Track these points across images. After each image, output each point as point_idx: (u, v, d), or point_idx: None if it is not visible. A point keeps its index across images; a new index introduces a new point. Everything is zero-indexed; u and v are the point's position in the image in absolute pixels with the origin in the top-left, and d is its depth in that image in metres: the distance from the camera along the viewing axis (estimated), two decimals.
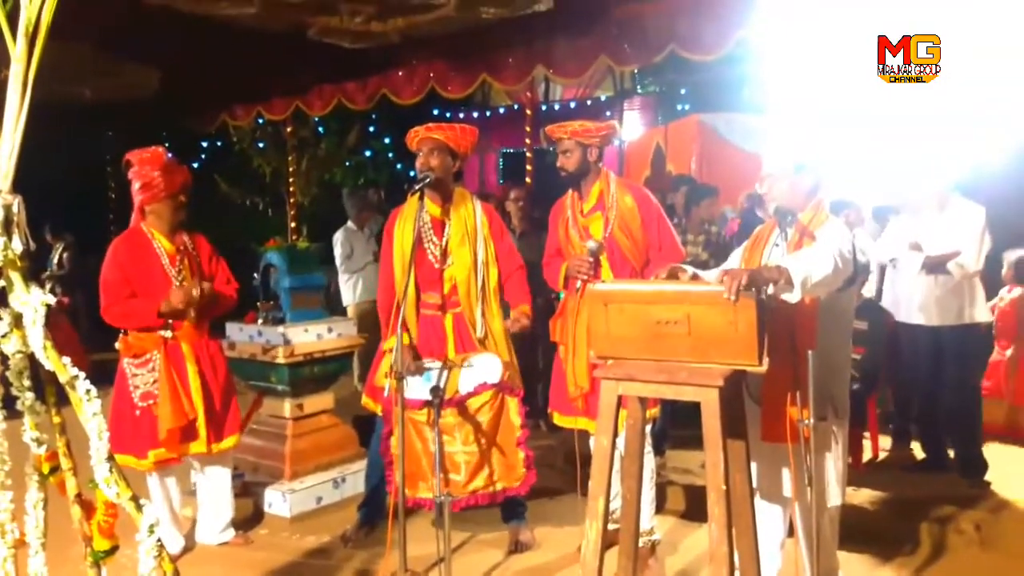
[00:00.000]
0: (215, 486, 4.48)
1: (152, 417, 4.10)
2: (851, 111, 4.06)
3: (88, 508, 2.42)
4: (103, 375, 3.46)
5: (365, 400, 4.40)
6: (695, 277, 3.07)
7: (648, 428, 3.61)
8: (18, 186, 2.27)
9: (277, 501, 4.94)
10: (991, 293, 5.80)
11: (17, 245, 2.25)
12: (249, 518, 4.87)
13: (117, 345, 4.21)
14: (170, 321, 4.15)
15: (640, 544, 3.56)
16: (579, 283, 3.96)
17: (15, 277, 2.25)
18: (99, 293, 4.15)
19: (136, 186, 4.16)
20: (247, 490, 5.09)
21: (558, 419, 4.24)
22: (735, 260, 3.46)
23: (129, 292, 4.12)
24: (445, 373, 3.97)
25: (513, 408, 4.09)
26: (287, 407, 5.33)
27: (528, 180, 7.87)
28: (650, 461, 4.08)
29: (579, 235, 4.09)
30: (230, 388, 4.47)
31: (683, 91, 13.14)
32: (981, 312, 5.24)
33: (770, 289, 2.78)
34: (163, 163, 4.15)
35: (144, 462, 4.11)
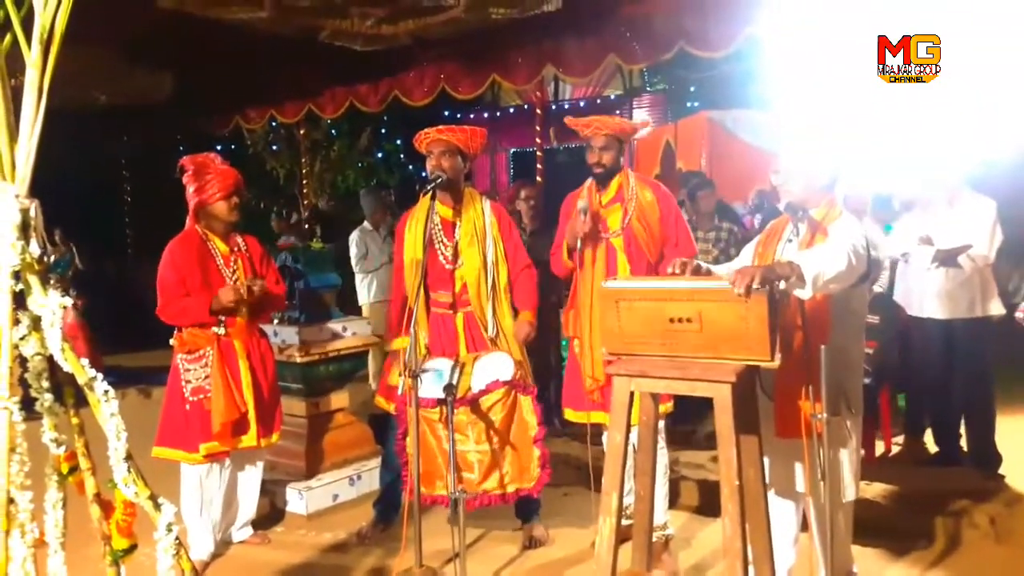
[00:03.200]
0: (247, 482, 4.53)
1: (202, 411, 4.15)
2: (860, 106, 4.06)
3: (107, 507, 2.45)
4: (119, 377, 3.49)
5: (378, 399, 4.44)
6: (707, 272, 3.07)
7: (661, 423, 3.62)
8: (34, 190, 2.29)
9: (294, 499, 4.98)
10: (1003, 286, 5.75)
11: (35, 248, 2.28)
12: (266, 516, 4.90)
13: (172, 342, 4.28)
14: (223, 319, 4.21)
15: (653, 539, 3.57)
16: (579, 243, 3.96)
17: (33, 280, 2.27)
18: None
19: (191, 189, 4.24)
20: (263, 488, 5.12)
21: (570, 415, 4.26)
22: (747, 255, 3.47)
23: (184, 292, 4.17)
24: (457, 371, 3.99)
25: (527, 406, 4.10)
26: (303, 406, 5.37)
27: (539, 179, 7.86)
28: (663, 456, 4.09)
29: (599, 227, 4.09)
30: (277, 386, 4.55)
31: (692, 88, 13.09)
32: (993, 305, 5.21)
33: (782, 285, 2.78)
34: (217, 166, 4.27)
35: (195, 455, 4.16)
